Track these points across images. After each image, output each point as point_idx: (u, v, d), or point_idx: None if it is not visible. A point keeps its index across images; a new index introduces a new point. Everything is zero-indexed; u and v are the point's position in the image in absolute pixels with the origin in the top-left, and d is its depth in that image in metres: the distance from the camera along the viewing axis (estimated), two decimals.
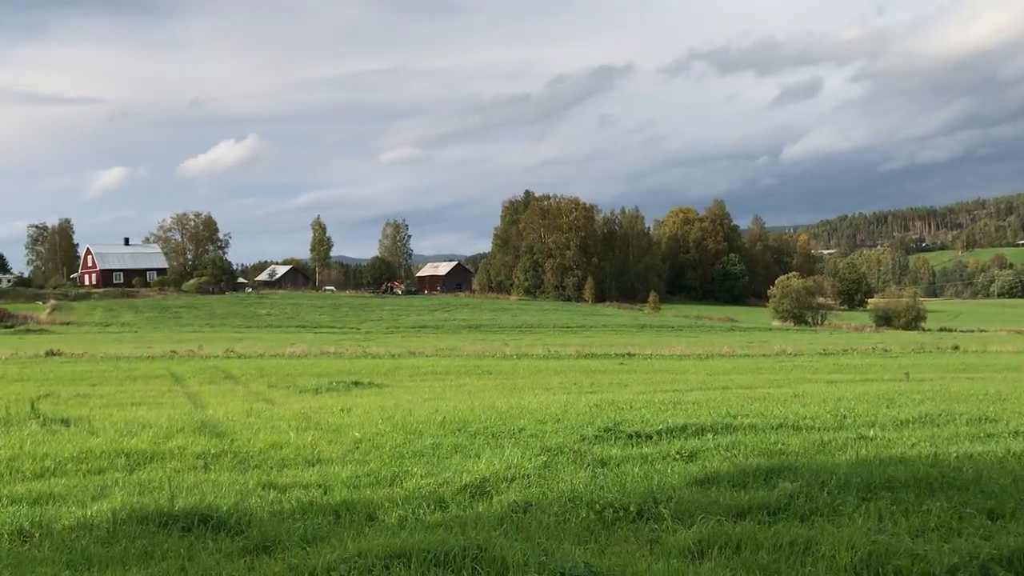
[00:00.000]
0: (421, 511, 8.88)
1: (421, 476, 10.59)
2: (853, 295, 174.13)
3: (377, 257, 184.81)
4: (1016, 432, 14.59)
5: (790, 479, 9.81)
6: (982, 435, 14.29)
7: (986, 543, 7.44)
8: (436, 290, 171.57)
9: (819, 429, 14.68)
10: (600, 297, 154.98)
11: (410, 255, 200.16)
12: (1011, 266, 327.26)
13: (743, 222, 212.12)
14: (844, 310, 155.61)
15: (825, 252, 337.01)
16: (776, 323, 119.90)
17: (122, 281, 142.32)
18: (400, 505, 9.09)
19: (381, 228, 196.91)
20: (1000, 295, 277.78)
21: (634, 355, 51.46)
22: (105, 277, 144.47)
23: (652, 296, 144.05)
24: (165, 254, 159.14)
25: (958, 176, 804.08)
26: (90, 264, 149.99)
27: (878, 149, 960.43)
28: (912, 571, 6.74)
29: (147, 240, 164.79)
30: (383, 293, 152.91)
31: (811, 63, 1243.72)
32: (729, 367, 41.18)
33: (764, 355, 53.03)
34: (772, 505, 8.81)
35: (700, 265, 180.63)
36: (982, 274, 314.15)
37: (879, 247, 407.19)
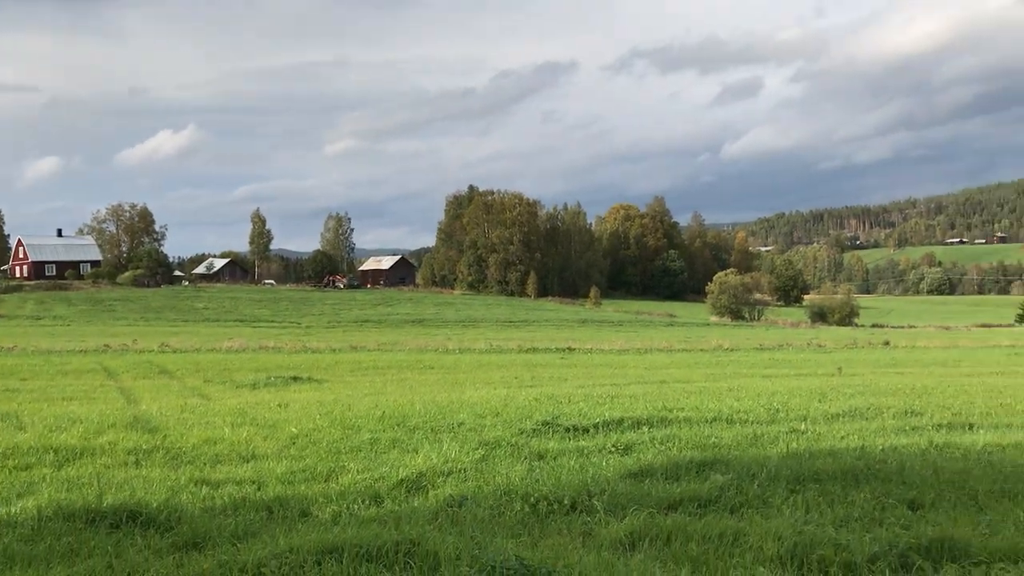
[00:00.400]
0: (356, 506, 8.84)
1: (357, 471, 10.54)
2: (789, 291, 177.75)
3: (319, 250, 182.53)
4: (939, 425, 15.08)
5: (722, 472, 9.99)
6: (907, 428, 14.72)
7: (906, 532, 7.67)
8: (379, 284, 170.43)
9: (752, 423, 14.94)
10: (543, 292, 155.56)
11: (352, 249, 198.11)
12: (940, 264, 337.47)
13: (683, 219, 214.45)
14: (781, 306, 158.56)
15: (763, 249, 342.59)
16: (714, 319, 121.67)
17: (55, 273, 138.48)
18: (334, 500, 9.04)
19: (323, 221, 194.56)
20: (929, 292, 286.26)
21: (575, 349, 51.82)
22: (37, 269, 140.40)
23: (593, 291, 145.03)
24: (99, 246, 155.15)
25: (891, 176, 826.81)
26: (21, 256, 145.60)
27: (816, 148, 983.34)
28: (835, 561, 6.92)
29: (81, 232, 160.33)
30: (324, 287, 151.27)
31: (752, 62, 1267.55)
32: (667, 362, 41.71)
33: (702, 350, 53.80)
34: (703, 497, 8.95)
35: (640, 261, 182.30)
36: (913, 272, 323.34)
37: (815, 244, 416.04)
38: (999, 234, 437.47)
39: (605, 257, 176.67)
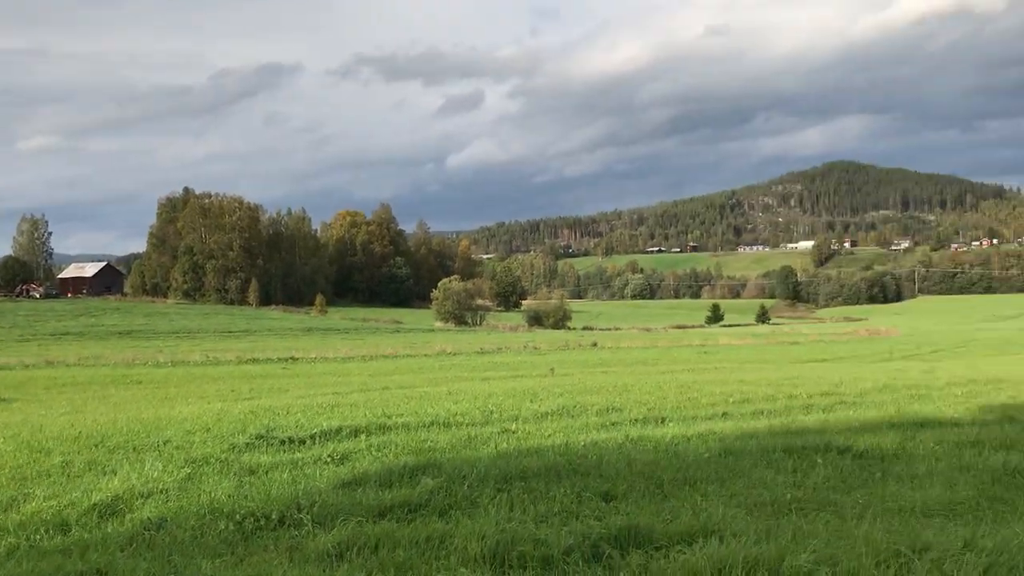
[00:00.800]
0: (39, 537, 8.08)
1: (44, 498, 9.63)
2: (509, 297, 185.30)
3: (10, 256, 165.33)
4: (636, 420, 16.28)
5: (433, 475, 10.13)
6: (608, 424, 15.75)
7: (599, 523, 8.16)
8: (82, 293, 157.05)
9: (467, 425, 15.29)
10: (265, 300, 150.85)
11: (51, 254, 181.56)
12: (642, 271, 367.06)
13: (409, 226, 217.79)
14: (501, 311, 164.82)
15: (484, 257, 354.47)
16: (439, 324, 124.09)
17: None
18: (13, 532, 8.20)
19: (16, 224, 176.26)
20: (633, 297, 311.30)
21: (298, 359, 50.81)
22: None
23: (319, 299, 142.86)
24: None
25: (600, 189, 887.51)
26: None
27: (532, 161, 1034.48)
28: (534, 555, 7.25)
29: None
30: (17, 296, 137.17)
31: (474, 76, 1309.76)
32: (392, 368, 41.99)
33: (426, 355, 54.73)
34: (413, 502, 9.01)
35: (367, 268, 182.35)
36: (618, 278, 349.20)
37: (532, 252, 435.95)
38: (691, 244, 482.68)
39: (331, 264, 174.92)
